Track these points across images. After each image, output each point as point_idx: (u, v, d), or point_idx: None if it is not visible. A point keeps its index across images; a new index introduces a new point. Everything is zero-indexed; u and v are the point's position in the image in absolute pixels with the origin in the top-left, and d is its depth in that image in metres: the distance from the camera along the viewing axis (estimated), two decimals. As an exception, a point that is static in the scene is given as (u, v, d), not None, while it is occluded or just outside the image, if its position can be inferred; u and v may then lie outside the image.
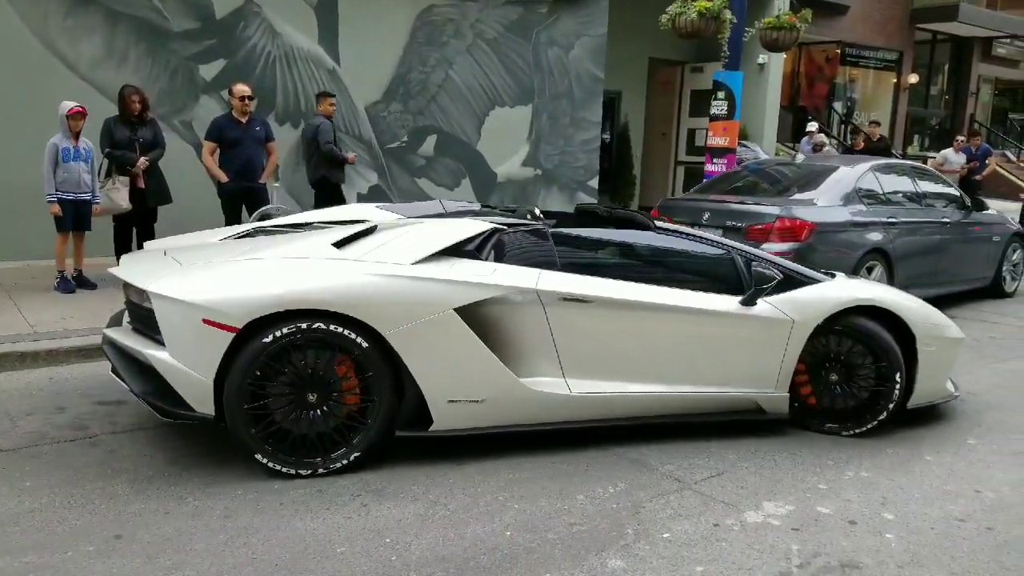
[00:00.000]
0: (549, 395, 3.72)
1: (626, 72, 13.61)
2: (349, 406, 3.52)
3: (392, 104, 9.43)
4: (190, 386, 3.36)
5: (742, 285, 4.14)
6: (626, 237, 4.35)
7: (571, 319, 3.76)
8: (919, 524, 3.30)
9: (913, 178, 8.03)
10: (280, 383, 3.40)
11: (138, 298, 3.61)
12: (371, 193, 9.36)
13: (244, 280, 3.45)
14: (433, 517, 3.20)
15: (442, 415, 3.61)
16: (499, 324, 3.69)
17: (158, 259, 3.92)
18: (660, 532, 3.14)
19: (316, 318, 3.39)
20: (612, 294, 3.82)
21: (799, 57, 18.73)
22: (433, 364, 3.55)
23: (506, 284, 3.66)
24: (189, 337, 3.34)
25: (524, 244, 3.99)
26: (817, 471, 3.78)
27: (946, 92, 22.90)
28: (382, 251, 3.67)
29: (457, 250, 3.76)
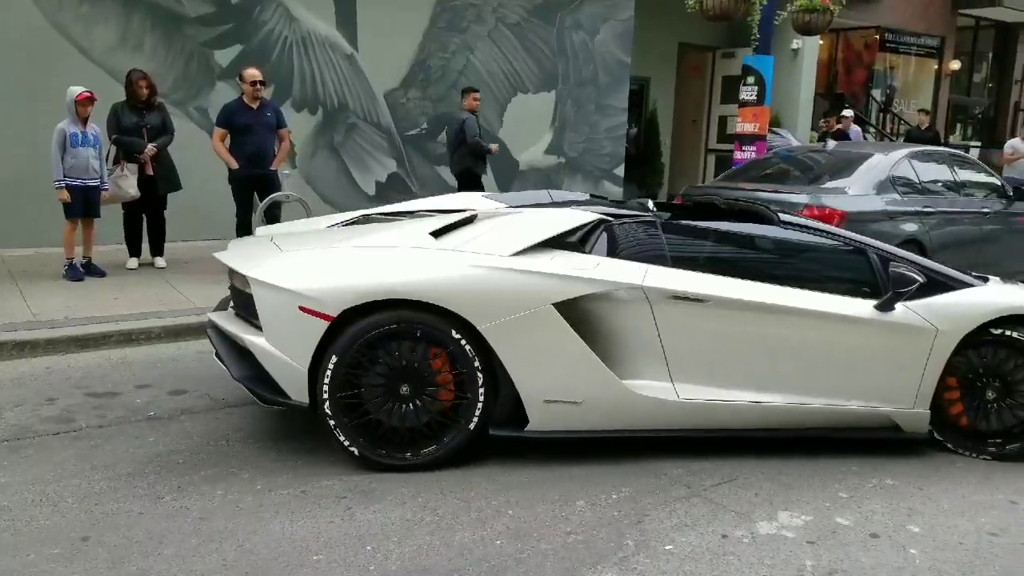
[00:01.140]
0: (653, 400, 3.49)
1: (655, 58, 13.25)
2: (442, 401, 3.42)
3: (411, 91, 9.24)
4: (285, 373, 3.34)
5: (878, 287, 3.77)
6: (747, 231, 4.02)
7: (681, 319, 3.51)
8: (947, 538, 3.03)
9: (951, 166, 7.63)
10: (374, 374, 3.35)
11: (240, 283, 3.61)
12: (389, 181, 9.20)
13: (340, 268, 3.42)
14: (420, 523, 3.01)
15: (538, 416, 3.44)
16: (601, 322, 3.49)
17: (263, 244, 3.93)
18: (663, 544, 2.91)
19: (410, 309, 3.31)
20: (728, 294, 3.52)
21: (836, 43, 18.14)
22: (529, 361, 3.39)
23: (610, 279, 3.44)
24: (285, 324, 3.33)
25: (632, 237, 3.75)
26: (839, 478, 3.51)
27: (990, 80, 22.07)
28: (480, 242, 3.54)
29: (559, 242, 3.58)
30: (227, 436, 3.77)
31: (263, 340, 3.39)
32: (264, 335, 3.39)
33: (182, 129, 7.53)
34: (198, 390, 4.38)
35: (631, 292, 3.46)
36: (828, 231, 4.00)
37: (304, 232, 4.26)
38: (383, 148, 9.15)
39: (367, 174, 9.08)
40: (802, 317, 3.57)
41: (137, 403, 4.17)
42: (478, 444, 3.50)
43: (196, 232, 7.90)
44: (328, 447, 3.63)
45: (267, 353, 3.37)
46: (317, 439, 3.72)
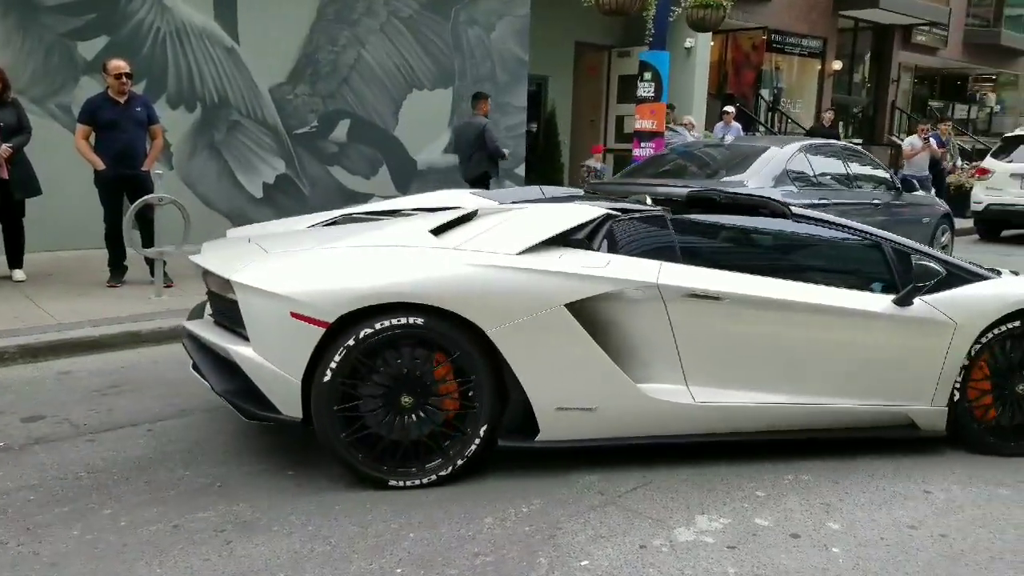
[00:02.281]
0: (670, 404, 3.29)
1: (552, 57, 13.18)
2: (447, 411, 3.18)
3: (299, 86, 8.76)
4: (276, 386, 3.08)
5: (894, 282, 3.65)
6: (758, 225, 3.82)
7: (697, 318, 3.31)
8: (868, 535, 2.94)
9: (844, 159, 7.84)
10: (373, 384, 3.10)
11: (220, 288, 3.32)
12: (277, 183, 8.69)
13: (336, 270, 3.16)
14: (310, 554, 2.68)
15: (549, 424, 3.22)
16: (613, 323, 3.27)
17: (242, 246, 3.65)
18: (578, 559, 2.69)
19: (413, 312, 3.05)
20: (746, 290, 3.35)
21: (726, 44, 18.65)
22: (540, 366, 3.17)
23: (623, 278, 3.23)
24: (275, 332, 3.07)
25: (641, 233, 3.53)
26: (754, 476, 3.40)
27: (868, 79, 23.25)
28: (483, 239, 3.29)
29: (566, 239, 3.36)
30: (88, 466, 3.32)
31: (250, 350, 3.10)
32: (251, 345, 3.10)
33: (42, 128, 6.84)
34: (57, 416, 3.88)
35: (644, 291, 3.26)
36: (841, 224, 3.86)
37: (284, 233, 3.96)
38: (269, 147, 8.64)
39: (253, 175, 8.54)
40: (819, 314, 3.44)
41: None
42: (486, 456, 3.24)
43: (61, 241, 7.23)
44: (204, 473, 3.26)
45: (255, 364, 3.08)
46: (193, 463, 3.34)
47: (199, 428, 3.77)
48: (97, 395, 4.18)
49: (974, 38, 24.28)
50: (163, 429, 3.74)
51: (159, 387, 4.32)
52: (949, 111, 25.29)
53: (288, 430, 3.72)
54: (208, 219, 7.90)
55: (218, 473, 3.28)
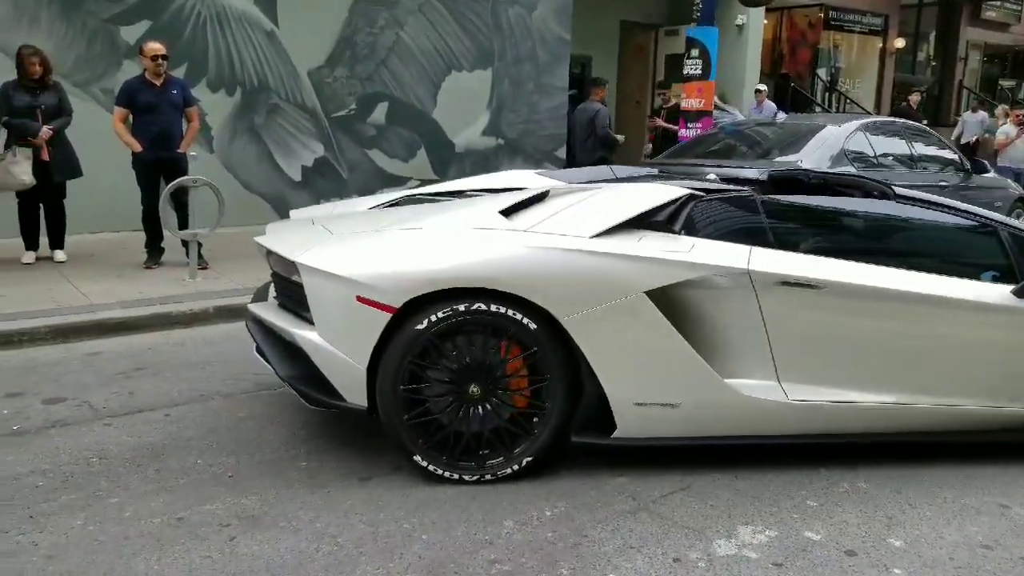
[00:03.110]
0: (759, 401, 3.04)
1: (596, 37, 12.81)
2: (516, 405, 3.01)
3: (338, 69, 8.62)
4: (341, 372, 2.96)
5: (1012, 270, 3.36)
6: (858, 208, 3.53)
7: (791, 308, 3.05)
8: (934, 554, 2.62)
9: (907, 139, 7.37)
10: (439, 372, 2.96)
11: (285, 270, 3.21)
12: (316, 166, 8.58)
13: (403, 253, 3.04)
14: (315, 555, 2.52)
15: (627, 420, 3.01)
16: (698, 313, 3.04)
17: (307, 228, 3.55)
18: (603, 571, 2.47)
19: (482, 298, 2.88)
20: (846, 278, 3.06)
21: (780, 22, 17.95)
22: (618, 358, 2.96)
23: (709, 263, 2.99)
24: (341, 316, 2.95)
25: (728, 215, 3.30)
26: (804, 483, 3.10)
27: (933, 58, 22.20)
28: (557, 221, 3.11)
29: (646, 221, 3.14)
30: (101, 452, 3.22)
31: (315, 335, 2.98)
32: (316, 329, 2.98)
33: (86, 113, 6.85)
34: (77, 398, 3.80)
35: (733, 277, 3.00)
36: (952, 207, 3.53)
37: (347, 214, 3.86)
38: (308, 131, 8.53)
39: (292, 159, 8.45)
40: (928, 305, 3.13)
41: (2, 414, 3.58)
42: (557, 453, 3.07)
43: (104, 224, 7.24)
44: (216, 461, 3.13)
45: (320, 350, 2.96)
46: (206, 451, 3.21)
47: (217, 414, 3.64)
48: (121, 377, 4.10)
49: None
50: (180, 414, 3.63)
51: (182, 370, 4.23)
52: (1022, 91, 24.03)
53: (305, 420, 3.58)
54: (247, 203, 7.85)
55: (230, 463, 3.15)
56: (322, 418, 3.56)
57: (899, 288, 3.11)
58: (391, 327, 2.89)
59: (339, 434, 3.42)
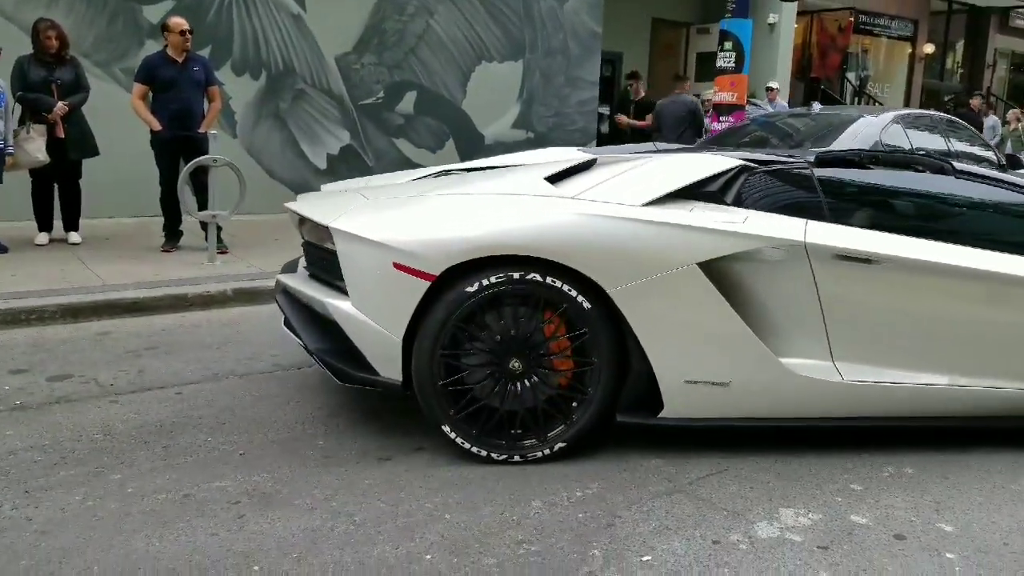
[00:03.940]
0: (814, 381, 2.88)
1: (627, 33, 12.65)
2: (559, 383, 2.86)
3: (365, 56, 8.51)
4: (375, 343, 2.82)
5: None
6: (916, 183, 3.35)
7: (848, 284, 2.91)
8: (988, 539, 2.45)
9: (945, 134, 7.10)
10: (483, 342, 2.81)
11: (318, 238, 3.08)
12: (342, 154, 8.46)
13: (444, 218, 2.89)
14: (330, 534, 2.35)
15: (676, 399, 2.85)
16: (751, 287, 2.90)
17: (342, 196, 3.45)
18: (639, 554, 2.28)
19: (528, 267, 2.73)
20: (905, 253, 2.92)
21: (811, 26, 17.71)
22: (668, 332, 2.81)
23: (765, 235, 2.85)
24: (376, 284, 2.81)
25: (782, 188, 3.17)
26: (848, 467, 2.91)
27: (962, 65, 21.82)
28: (605, 188, 2.97)
29: (697, 191, 3.01)
30: (106, 428, 3.08)
31: (348, 305, 2.84)
32: (350, 299, 2.84)
33: (106, 93, 6.78)
34: (84, 375, 3.67)
35: (788, 250, 2.86)
36: (1013, 183, 3.35)
37: (386, 184, 3.76)
38: (335, 118, 8.41)
39: (317, 146, 8.34)
40: (990, 282, 2.98)
41: (4, 390, 3.46)
42: (601, 434, 2.92)
43: (123, 209, 7.15)
44: (227, 440, 2.98)
45: (353, 320, 2.82)
46: (218, 430, 3.07)
47: (231, 394, 3.50)
48: (131, 356, 3.97)
49: (1080, 20, 22.52)
50: (192, 393, 3.49)
51: (196, 351, 4.09)
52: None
53: (323, 401, 3.43)
54: (271, 189, 7.74)
55: (242, 440, 3.00)
56: (341, 399, 3.41)
57: (958, 264, 2.94)
58: (429, 296, 2.74)
59: (358, 415, 3.27)
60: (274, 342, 4.14)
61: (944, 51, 20.99)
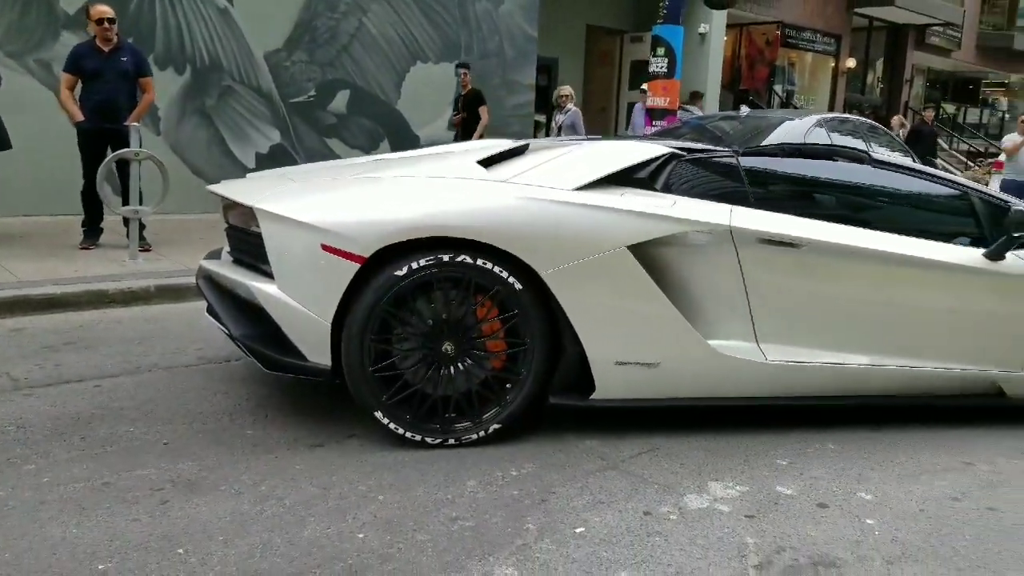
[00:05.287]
0: (739, 362, 2.96)
1: (563, 39, 12.80)
2: (491, 366, 2.86)
3: (296, 53, 8.37)
4: (302, 328, 2.75)
5: (983, 234, 3.35)
6: (835, 172, 3.47)
7: (771, 267, 3.00)
8: (905, 506, 2.55)
9: (865, 138, 7.40)
10: (414, 326, 2.78)
11: (243, 220, 3.00)
12: (272, 153, 8.30)
13: (374, 200, 2.85)
14: (259, 516, 2.29)
15: (607, 380, 2.89)
16: (679, 271, 2.97)
17: (268, 178, 3.42)
18: (572, 526, 2.30)
19: (459, 249, 2.71)
20: (826, 238, 3.03)
21: (740, 38, 18.28)
22: (599, 314, 2.84)
23: (692, 219, 2.92)
24: (304, 267, 2.74)
25: (708, 175, 3.24)
26: (774, 444, 3.00)
27: (882, 80, 22.82)
28: (538, 173, 3.00)
29: (628, 177, 3.06)
30: (19, 421, 2.94)
31: (274, 288, 2.77)
32: (276, 282, 2.77)
33: (20, 85, 6.50)
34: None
35: (715, 234, 2.94)
36: (927, 173, 3.52)
37: (316, 167, 3.73)
38: (264, 115, 8.25)
39: (245, 144, 8.16)
40: (903, 266, 3.12)
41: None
42: (534, 416, 2.91)
43: (40, 207, 6.83)
44: (151, 430, 2.87)
45: (279, 304, 2.75)
46: (140, 421, 2.96)
47: (154, 386, 3.38)
48: (47, 351, 3.80)
49: (987, 41, 23.84)
50: (113, 386, 3.36)
51: (117, 345, 3.94)
52: (961, 115, 24.82)
53: (252, 391, 3.35)
54: (196, 189, 7.47)
55: (166, 431, 2.90)
56: (270, 389, 3.34)
57: (876, 248, 3.07)
58: (359, 279, 2.71)
59: (288, 404, 3.20)
60: (199, 336, 4.03)
61: (865, 66, 21.91)
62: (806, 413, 3.25)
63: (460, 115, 8.67)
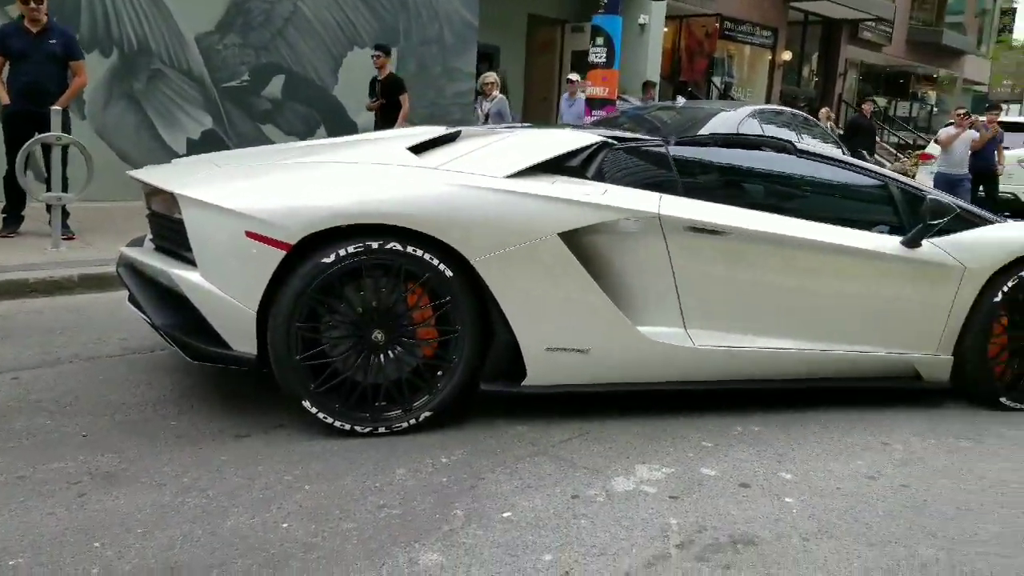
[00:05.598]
0: (668, 347, 3.01)
1: (504, 28, 12.79)
2: (422, 354, 2.86)
3: (229, 36, 8.16)
4: (226, 316, 2.70)
5: (901, 222, 3.43)
6: (762, 162, 3.53)
7: (698, 255, 3.05)
8: (823, 484, 2.65)
9: (797, 129, 7.63)
10: (342, 314, 2.75)
11: (165, 207, 2.92)
12: (204, 139, 8.09)
13: (301, 186, 2.80)
14: (180, 508, 2.25)
15: (539, 366, 2.90)
16: (609, 258, 2.99)
17: (191, 163, 3.36)
18: (500, 511, 2.31)
19: (388, 236, 2.68)
20: (752, 226, 3.09)
21: (679, 30, 18.52)
22: (530, 301, 2.85)
23: (622, 206, 2.94)
24: (228, 254, 2.69)
25: (638, 164, 3.28)
26: (700, 427, 3.07)
27: (817, 73, 23.40)
28: (469, 160, 3.00)
29: (560, 165, 3.08)
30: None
31: (197, 276, 2.71)
32: (199, 270, 2.70)
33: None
34: (-93, 362, 3.34)
35: (644, 222, 2.97)
36: (848, 163, 3.63)
37: (242, 152, 3.68)
38: (195, 100, 8.03)
39: (176, 130, 7.93)
40: (826, 253, 3.20)
41: None
42: (465, 403, 2.94)
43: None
44: (70, 423, 2.79)
45: (202, 292, 2.69)
46: (59, 413, 2.87)
47: (75, 377, 3.27)
48: (-39, 342, 3.65)
49: (917, 37, 24.67)
50: (32, 378, 3.24)
51: (37, 335, 3.80)
52: (892, 108, 25.64)
53: (177, 381, 3.27)
54: (123, 175, 7.17)
55: (86, 423, 2.81)
56: (196, 379, 3.27)
57: (800, 236, 3.16)
58: (285, 267, 2.66)
59: (215, 395, 3.13)
60: (124, 326, 3.91)
61: (801, 60, 22.43)
62: (733, 396, 3.34)
63: (378, 101, 8.18)
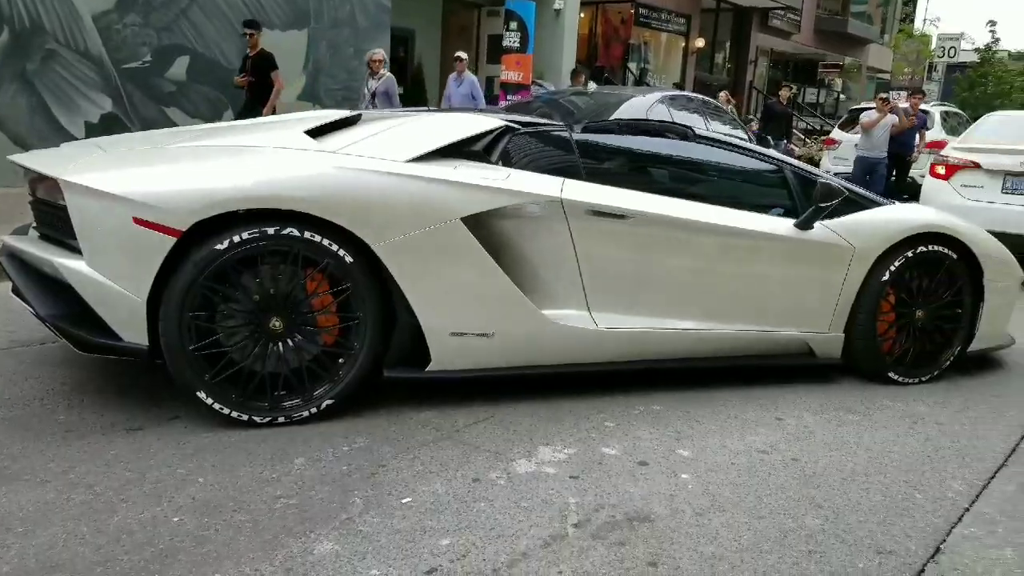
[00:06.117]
0: (572, 329, 3.05)
1: (419, 10, 12.63)
2: (322, 341, 2.80)
3: (129, 16, 7.80)
4: (115, 306, 2.59)
5: (795, 205, 3.55)
6: (661, 147, 3.57)
7: (600, 238, 3.09)
8: (718, 460, 2.74)
9: (704, 115, 7.80)
10: (238, 302, 2.68)
11: (48, 193, 2.78)
12: (103, 122, 7.73)
13: (192, 170, 2.70)
14: (65, 505, 2.17)
15: (442, 352, 2.90)
16: (512, 242, 3.01)
17: (77, 148, 3.23)
18: (400, 497, 2.32)
19: (285, 222, 2.62)
20: (652, 209, 3.16)
21: (596, 16, 18.69)
22: (433, 286, 2.85)
23: (524, 191, 2.96)
24: (115, 242, 2.58)
25: (541, 149, 3.30)
26: (604, 407, 3.14)
27: (729, 60, 24.01)
28: (369, 144, 2.95)
29: (462, 150, 3.06)
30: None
31: (82, 264, 2.59)
32: (85, 258, 2.59)
33: None
34: None
35: (546, 206, 3.01)
36: (745, 148, 3.72)
37: (131, 136, 3.54)
38: (93, 82, 7.65)
39: (73, 112, 7.55)
40: (723, 235, 3.31)
41: None
42: (368, 391, 2.91)
43: None
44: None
45: (88, 281, 2.58)
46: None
47: (-46, 373, 3.10)
48: None
49: (824, 25, 25.58)
50: (-95, 374, 3.06)
51: (-87, 330, 3.59)
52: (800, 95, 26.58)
53: (67, 375, 3.14)
54: (13, 160, 6.91)
55: (-35, 419, 2.67)
56: (87, 373, 3.14)
57: (699, 219, 3.25)
58: (176, 254, 2.58)
59: (107, 388, 3.02)
60: (11, 318, 3.72)
61: (714, 47, 22.96)
62: (636, 376, 3.41)
63: (246, 77, 7.83)
